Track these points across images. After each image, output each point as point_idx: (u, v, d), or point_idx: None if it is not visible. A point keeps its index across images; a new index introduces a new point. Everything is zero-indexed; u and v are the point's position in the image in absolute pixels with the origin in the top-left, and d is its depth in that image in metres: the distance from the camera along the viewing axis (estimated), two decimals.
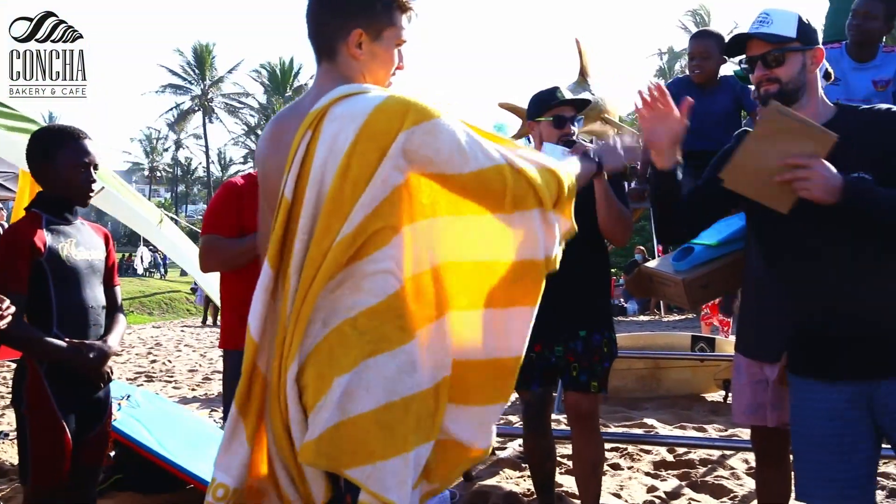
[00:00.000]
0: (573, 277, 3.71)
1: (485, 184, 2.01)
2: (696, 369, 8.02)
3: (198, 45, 62.29)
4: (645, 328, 15.68)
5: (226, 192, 3.72)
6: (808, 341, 2.63)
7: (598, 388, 3.76)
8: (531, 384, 3.85)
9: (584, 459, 3.87)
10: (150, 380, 9.77)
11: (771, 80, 2.56)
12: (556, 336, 3.76)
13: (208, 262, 3.67)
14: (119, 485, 4.72)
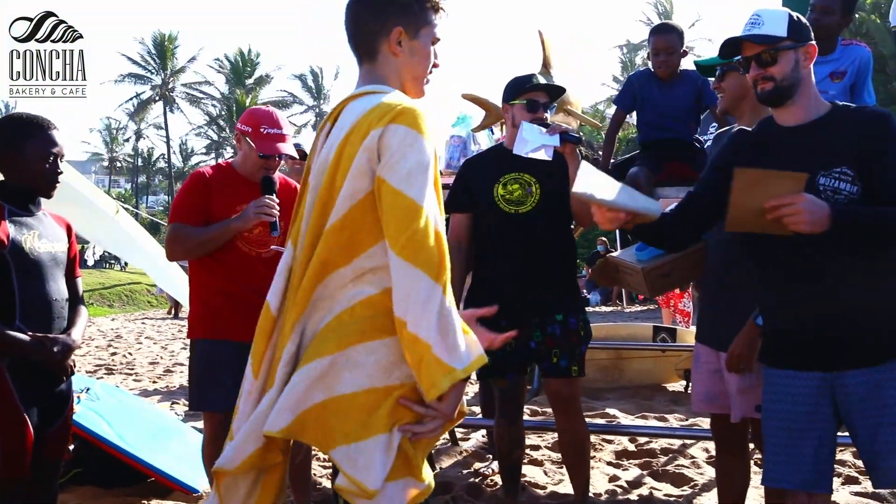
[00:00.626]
0: (548, 262, 3.76)
1: (403, 212, 1.99)
2: (658, 360, 8.09)
3: (159, 34, 61.56)
4: (607, 319, 15.79)
5: (193, 181, 3.75)
6: (785, 337, 2.69)
7: (577, 371, 3.83)
8: (506, 372, 3.88)
9: (571, 444, 3.93)
10: (111, 372, 9.67)
11: (766, 79, 2.63)
12: (533, 322, 3.80)
13: (173, 250, 3.73)
14: (78, 479, 4.67)
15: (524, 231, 3.79)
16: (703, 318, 3.52)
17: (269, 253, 3.73)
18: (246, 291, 3.68)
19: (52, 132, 3.10)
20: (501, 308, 3.74)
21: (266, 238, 3.72)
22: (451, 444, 5.68)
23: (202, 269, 3.80)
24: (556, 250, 3.84)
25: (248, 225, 3.63)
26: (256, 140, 3.71)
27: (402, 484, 2.04)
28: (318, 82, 66.48)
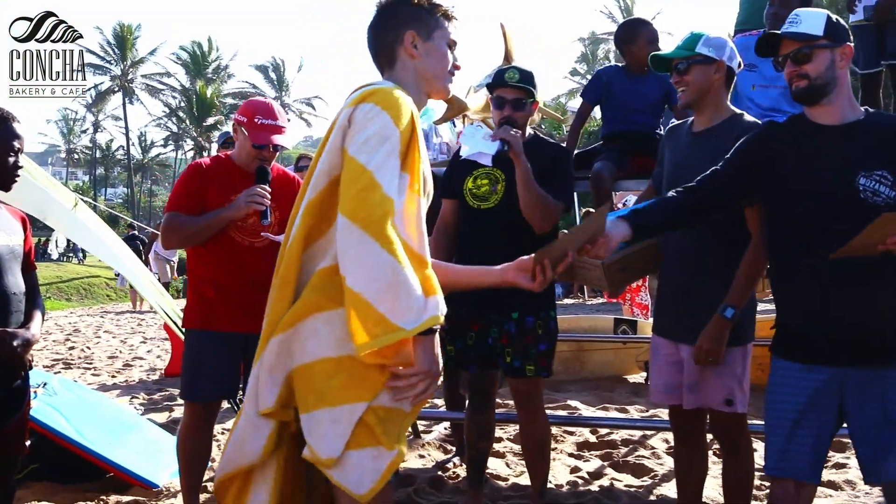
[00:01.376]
0: (507, 259, 3.75)
1: (352, 174, 2.10)
2: (619, 351, 8.15)
3: (118, 25, 60.68)
4: (569, 311, 15.86)
5: (190, 172, 3.84)
6: (797, 333, 2.79)
7: (534, 371, 3.81)
8: (468, 366, 3.92)
9: (529, 441, 3.96)
10: (69, 367, 9.55)
11: (801, 76, 2.71)
12: (490, 318, 3.81)
13: (168, 239, 3.80)
14: (35, 474, 4.60)
15: (485, 227, 3.81)
16: (661, 311, 3.54)
17: (262, 242, 3.78)
18: (237, 282, 3.73)
19: (13, 124, 3.06)
20: (464, 300, 3.82)
21: (258, 228, 3.75)
22: (413, 436, 5.68)
23: (197, 259, 3.87)
24: (518, 248, 3.75)
25: (239, 213, 3.68)
26: (251, 130, 3.75)
27: (367, 453, 2.10)
28: (281, 74, 66.01)
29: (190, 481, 3.89)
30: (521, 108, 3.79)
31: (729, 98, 3.41)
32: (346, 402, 2.09)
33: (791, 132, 2.81)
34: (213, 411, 3.92)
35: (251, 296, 3.71)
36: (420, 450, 5.39)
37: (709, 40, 3.27)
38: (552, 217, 3.74)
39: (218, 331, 3.76)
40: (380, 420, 2.11)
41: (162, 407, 7.11)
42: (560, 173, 3.80)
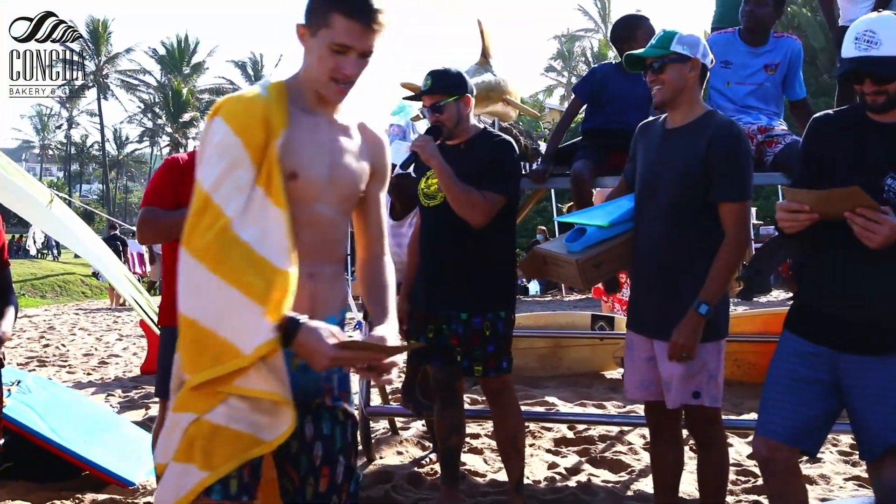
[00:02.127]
0: (454, 258, 3.78)
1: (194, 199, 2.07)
2: (596, 348, 8.18)
3: (92, 21, 60.13)
4: (547, 308, 15.93)
5: (167, 167, 3.82)
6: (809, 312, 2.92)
7: (482, 371, 3.83)
8: (431, 360, 3.98)
9: (500, 437, 4.03)
10: (43, 364, 9.47)
11: (879, 94, 2.71)
12: (442, 315, 3.86)
13: (144, 233, 3.78)
14: (9, 474, 4.56)
15: (434, 225, 3.86)
16: (634, 307, 3.56)
17: None
18: None
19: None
20: (423, 295, 3.88)
21: None
22: (391, 433, 5.68)
23: (172, 255, 3.78)
24: (466, 247, 3.80)
25: None
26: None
27: (178, 468, 2.01)
28: (258, 69, 65.65)
29: None
30: (441, 111, 3.82)
31: (702, 95, 3.43)
32: (182, 410, 2.03)
33: (845, 124, 2.88)
34: None
35: None
36: (398, 446, 5.39)
37: (683, 38, 3.28)
38: (483, 211, 3.73)
39: None
40: (202, 435, 1.99)
41: (138, 405, 7.06)
42: (499, 166, 3.82)
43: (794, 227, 2.70)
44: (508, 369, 3.93)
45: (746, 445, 5.25)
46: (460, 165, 3.74)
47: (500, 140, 3.90)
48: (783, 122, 4.45)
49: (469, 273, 3.82)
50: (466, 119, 3.89)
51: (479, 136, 3.92)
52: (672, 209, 3.29)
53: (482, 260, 3.83)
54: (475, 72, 5.18)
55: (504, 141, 3.90)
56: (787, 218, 2.70)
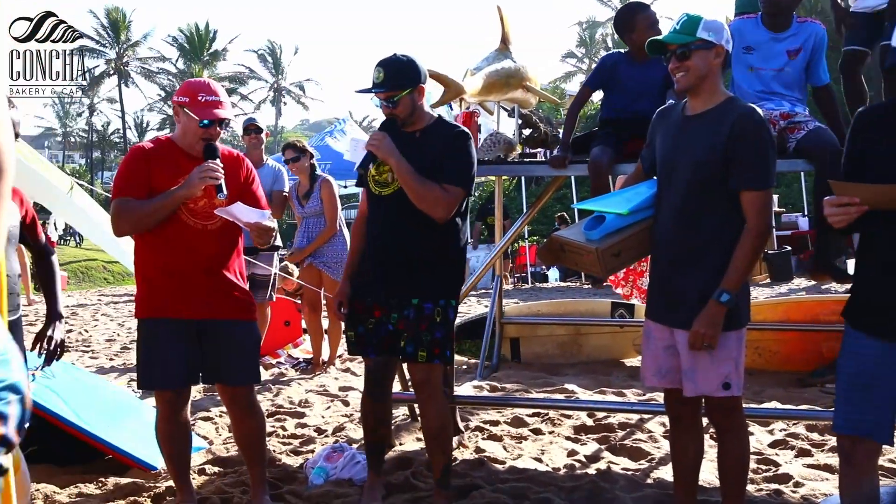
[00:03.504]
0: (408, 245, 3.79)
1: None
2: (616, 335, 8.16)
3: (112, 8, 60.36)
4: (566, 295, 15.90)
5: (133, 156, 3.77)
6: (865, 304, 2.93)
7: (425, 357, 3.80)
8: (368, 352, 3.94)
9: (425, 426, 4.02)
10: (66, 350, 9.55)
11: None
12: (391, 303, 3.84)
13: (119, 226, 3.71)
14: (34, 457, 4.61)
15: (386, 212, 3.83)
16: (653, 295, 3.55)
17: (215, 225, 3.73)
18: (189, 267, 3.69)
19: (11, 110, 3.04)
20: (366, 286, 3.86)
21: (211, 210, 3.70)
22: (410, 419, 5.70)
23: (144, 246, 3.79)
24: (419, 236, 3.80)
25: (193, 191, 3.61)
26: (195, 109, 3.69)
27: None
28: (277, 57, 65.73)
29: (177, 469, 3.92)
30: (395, 105, 3.79)
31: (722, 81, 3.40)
32: None
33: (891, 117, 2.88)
34: (182, 399, 3.88)
35: (204, 281, 3.70)
36: (417, 433, 5.40)
37: (708, 24, 3.26)
38: (445, 206, 3.74)
39: (169, 318, 3.72)
40: None
41: None
42: (455, 156, 3.80)
43: (844, 220, 2.69)
44: (451, 359, 3.95)
45: (767, 434, 5.23)
46: (416, 153, 3.74)
47: (458, 131, 3.88)
48: (806, 107, 4.42)
49: (423, 261, 3.82)
50: (421, 108, 3.88)
51: (436, 124, 3.90)
52: (691, 196, 3.27)
53: (436, 249, 3.84)
54: (495, 58, 5.17)
55: (462, 132, 3.88)
56: (837, 212, 2.69)
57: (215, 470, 4.67)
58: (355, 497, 4.12)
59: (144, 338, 3.82)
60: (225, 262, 3.79)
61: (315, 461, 4.58)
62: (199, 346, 3.79)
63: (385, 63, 3.78)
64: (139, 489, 4.33)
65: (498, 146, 4.97)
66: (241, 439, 4.01)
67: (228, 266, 3.83)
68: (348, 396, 6.63)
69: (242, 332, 3.87)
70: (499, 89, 5.09)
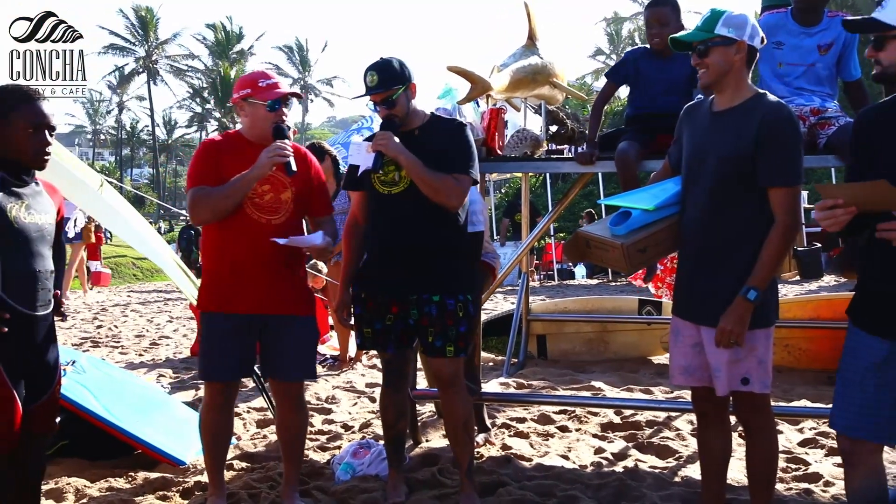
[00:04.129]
0: (424, 243, 3.82)
1: None
2: (643, 332, 8.13)
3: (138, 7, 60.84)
4: (593, 292, 15.83)
5: (204, 148, 3.88)
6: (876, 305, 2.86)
7: (453, 351, 3.86)
8: (387, 347, 3.97)
9: (452, 421, 4.04)
10: (97, 345, 9.64)
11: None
12: (410, 299, 3.86)
13: (198, 213, 3.78)
14: (65, 451, 4.67)
15: (397, 211, 3.84)
16: (681, 292, 3.52)
17: (280, 220, 3.78)
18: (251, 261, 3.75)
19: (39, 103, 3.08)
20: (382, 284, 3.87)
21: (277, 204, 3.77)
22: (437, 416, 5.71)
23: (210, 240, 3.89)
24: (434, 232, 3.85)
25: (264, 171, 3.67)
26: (259, 95, 3.76)
27: None
28: (304, 54, 65.95)
29: (213, 460, 3.95)
30: (393, 105, 3.83)
31: (751, 76, 3.37)
32: None
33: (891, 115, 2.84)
34: (231, 391, 3.97)
35: (265, 275, 3.75)
36: (443, 429, 5.41)
37: (728, 20, 3.22)
38: (458, 194, 3.81)
39: (232, 312, 3.78)
40: None
41: (188, 385, 7.17)
42: (459, 147, 3.86)
43: (835, 223, 2.66)
44: (471, 352, 4.03)
45: (797, 432, 5.19)
46: (418, 150, 3.77)
47: (458, 123, 3.98)
48: (837, 103, 4.37)
49: (438, 257, 3.86)
50: (414, 106, 3.93)
51: (433, 121, 3.97)
52: (718, 192, 3.25)
53: (451, 243, 3.91)
54: (522, 54, 5.15)
55: (461, 124, 3.98)
56: (825, 216, 2.66)
57: (243, 465, 4.71)
58: (380, 493, 4.13)
59: (204, 329, 3.95)
60: (288, 256, 3.83)
61: (342, 457, 4.60)
62: (256, 340, 3.86)
63: (375, 66, 3.83)
64: (168, 484, 4.37)
65: (525, 143, 4.96)
66: (283, 434, 4.04)
67: (291, 262, 3.87)
68: (375, 393, 6.65)
69: (300, 328, 3.92)
70: (525, 86, 5.08)
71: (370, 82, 3.81)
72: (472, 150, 3.90)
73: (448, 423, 4.10)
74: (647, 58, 4.54)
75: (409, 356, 4.15)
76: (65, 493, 4.20)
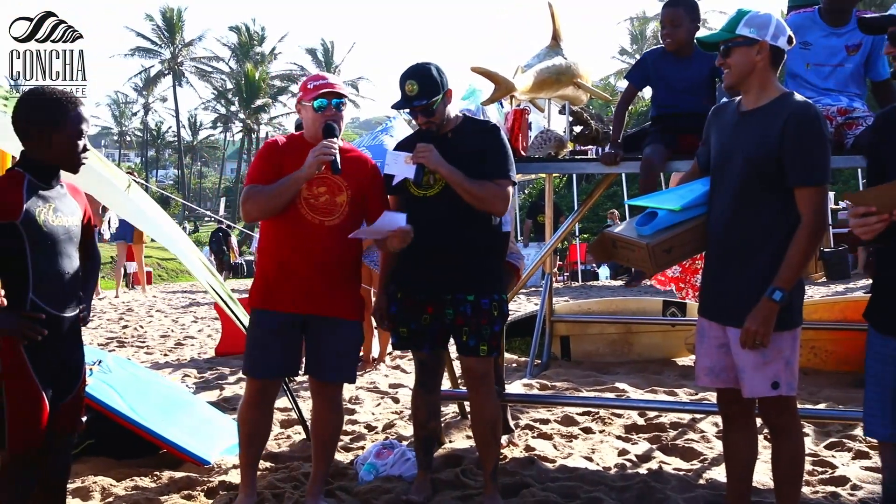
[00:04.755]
0: (460, 244, 3.83)
1: None
2: (667, 334, 8.09)
3: (166, 9, 61.30)
4: (617, 293, 15.78)
5: (266, 148, 3.96)
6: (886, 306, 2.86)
7: (487, 350, 3.89)
8: (422, 346, 4.00)
9: (481, 420, 4.05)
10: (122, 345, 9.72)
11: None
12: (445, 299, 3.88)
13: (248, 210, 3.86)
14: (91, 450, 4.71)
15: (432, 214, 3.84)
16: (707, 293, 3.50)
17: (333, 221, 3.81)
18: (303, 262, 3.79)
19: (82, 109, 3.12)
20: (418, 283, 3.90)
21: (332, 206, 3.80)
22: (460, 417, 5.71)
23: (265, 238, 3.96)
24: (468, 232, 3.87)
25: (311, 170, 3.70)
26: (307, 96, 3.81)
27: None
28: (329, 56, 66.14)
29: (247, 458, 3.98)
30: (432, 114, 3.84)
31: (778, 76, 3.35)
32: None
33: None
34: (273, 389, 4.00)
35: (315, 276, 3.78)
36: (467, 430, 5.41)
37: (751, 20, 3.21)
38: (503, 199, 3.84)
39: (275, 310, 3.82)
40: None
41: (213, 385, 7.21)
42: (495, 152, 3.87)
43: (869, 231, 2.63)
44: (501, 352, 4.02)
45: (823, 435, 5.14)
46: (451, 154, 3.78)
47: (492, 125, 4.00)
48: (864, 103, 4.33)
49: (472, 257, 3.89)
50: (449, 110, 3.94)
51: (465, 123, 3.98)
52: (744, 192, 3.24)
53: (486, 244, 3.94)
54: (546, 55, 5.14)
55: (495, 126, 3.99)
56: (858, 223, 2.64)
57: (267, 465, 4.73)
58: (403, 493, 4.13)
59: (250, 326, 3.99)
60: (340, 259, 3.86)
61: (365, 458, 4.61)
62: (301, 340, 3.90)
63: (415, 75, 3.82)
64: (193, 483, 4.39)
65: (549, 143, 4.95)
66: (317, 433, 4.07)
67: (344, 264, 3.90)
68: (398, 393, 6.66)
69: (344, 331, 3.95)
70: (549, 86, 5.07)
71: (410, 91, 3.81)
72: (509, 152, 3.91)
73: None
74: (665, 58, 4.52)
75: (443, 357, 4.19)
76: (91, 492, 4.23)
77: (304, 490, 4.14)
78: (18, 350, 2.96)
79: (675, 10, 4.44)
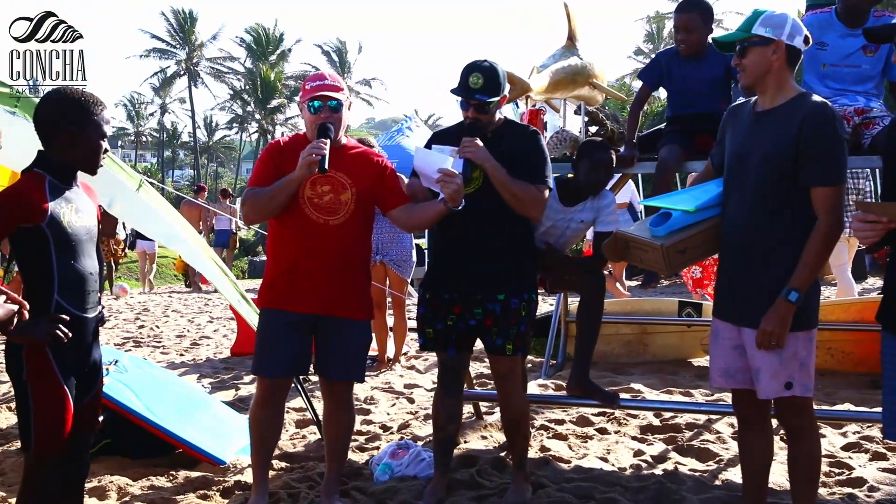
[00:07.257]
0: (492, 243, 3.83)
1: None
2: (683, 334, 8.05)
3: (179, 10, 61.53)
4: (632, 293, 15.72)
5: (268, 150, 3.99)
6: None
7: (513, 350, 3.92)
8: (448, 348, 4.00)
9: (508, 414, 4.13)
10: (138, 345, 9.75)
11: None
12: (475, 299, 3.89)
13: (246, 212, 3.92)
14: (108, 449, 4.73)
15: (466, 211, 3.80)
16: (722, 294, 3.49)
17: (338, 220, 3.81)
18: (309, 261, 3.80)
19: (105, 111, 3.13)
20: (447, 282, 3.90)
21: (335, 206, 3.80)
22: (475, 417, 5.70)
23: (272, 238, 3.99)
24: (501, 232, 3.88)
25: (302, 172, 3.69)
26: (304, 98, 3.84)
27: None
28: (343, 56, 66.22)
29: (258, 457, 3.99)
30: (486, 111, 3.85)
31: (794, 76, 3.33)
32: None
33: None
34: (283, 388, 4.02)
35: (322, 276, 3.79)
36: (482, 431, 5.41)
37: (767, 20, 3.20)
38: (541, 205, 3.87)
39: (288, 310, 3.83)
40: None
41: (228, 385, 7.23)
42: (533, 157, 3.88)
43: (872, 237, 2.65)
44: (528, 350, 4.10)
45: (840, 436, 5.11)
46: (491, 153, 3.77)
47: (532, 130, 4.00)
48: (882, 103, 4.31)
49: (505, 256, 3.90)
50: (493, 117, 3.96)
51: (505, 125, 4.00)
52: (760, 193, 3.23)
53: (516, 244, 3.95)
54: (561, 55, 5.13)
55: (534, 131, 4.00)
56: (861, 227, 2.64)
57: (282, 465, 4.74)
58: (418, 494, 4.14)
59: (260, 326, 4.03)
60: (347, 258, 3.87)
61: (380, 458, 4.61)
62: (311, 339, 3.92)
63: (482, 69, 3.82)
64: (208, 483, 4.41)
65: (564, 144, 4.95)
66: (329, 432, 4.08)
67: (351, 263, 3.91)
68: (413, 394, 6.66)
69: (353, 331, 3.96)
70: (565, 86, 5.06)
71: (473, 84, 3.79)
72: (547, 158, 3.94)
73: (505, 416, 4.17)
74: (679, 59, 4.51)
75: (467, 361, 4.20)
76: (107, 491, 4.26)
77: (319, 490, 4.15)
78: (44, 352, 2.97)
79: (690, 14, 4.43)
